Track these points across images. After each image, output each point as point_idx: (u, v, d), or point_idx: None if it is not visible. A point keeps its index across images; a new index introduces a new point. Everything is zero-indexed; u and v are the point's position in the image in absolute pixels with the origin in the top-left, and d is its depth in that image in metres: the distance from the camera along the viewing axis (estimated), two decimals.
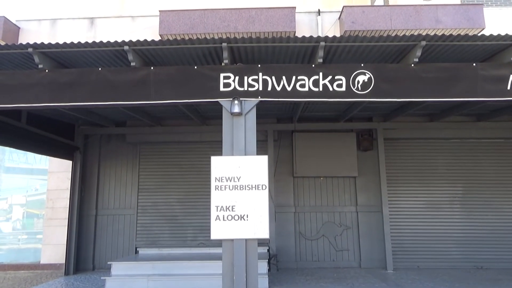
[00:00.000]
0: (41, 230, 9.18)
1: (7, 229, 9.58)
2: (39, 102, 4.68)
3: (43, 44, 4.59)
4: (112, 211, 8.27)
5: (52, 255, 8.51)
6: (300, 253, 7.90)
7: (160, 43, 4.58)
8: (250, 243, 4.16)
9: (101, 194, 8.33)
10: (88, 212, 8.23)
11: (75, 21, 9.89)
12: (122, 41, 4.53)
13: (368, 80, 4.58)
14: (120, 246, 8.10)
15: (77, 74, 4.72)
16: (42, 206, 9.42)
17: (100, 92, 4.65)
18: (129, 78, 4.67)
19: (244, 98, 4.54)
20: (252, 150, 4.39)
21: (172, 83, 4.64)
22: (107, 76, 4.69)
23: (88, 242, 8.12)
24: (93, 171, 8.42)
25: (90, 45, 4.60)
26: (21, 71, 4.85)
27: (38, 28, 9.89)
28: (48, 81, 4.69)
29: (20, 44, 4.57)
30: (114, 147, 8.50)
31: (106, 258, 7.99)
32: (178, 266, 6.24)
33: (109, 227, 8.20)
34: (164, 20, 9.02)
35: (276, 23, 8.69)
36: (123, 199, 8.31)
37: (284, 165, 8.15)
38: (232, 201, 4.18)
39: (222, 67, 4.67)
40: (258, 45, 4.61)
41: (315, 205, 8.07)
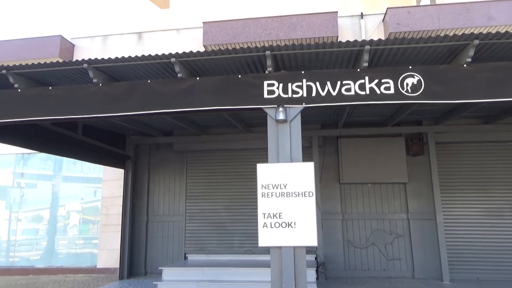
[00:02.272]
0: (97, 235, 9.65)
1: (66, 235, 10.17)
2: (94, 113, 4.92)
3: (97, 60, 4.85)
4: (162, 217, 8.55)
5: (107, 259, 8.92)
6: (349, 262, 7.70)
7: (205, 54, 4.68)
8: (298, 251, 4.11)
9: (151, 201, 8.65)
10: (139, 218, 8.55)
11: (124, 36, 10.40)
12: (169, 53, 4.69)
13: (417, 83, 4.41)
14: (170, 251, 8.33)
15: (127, 86, 4.93)
16: (97, 213, 9.92)
17: (148, 103, 4.83)
18: (176, 89, 4.81)
19: (289, 105, 4.53)
20: (298, 157, 4.36)
21: (217, 92, 4.72)
22: (155, 87, 4.86)
23: (140, 248, 8.42)
24: (144, 179, 8.75)
25: (139, 58, 4.79)
26: (77, 85, 5.15)
27: (91, 44, 10.50)
28: (101, 94, 4.94)
29: (76, 60, 4.86)
30: (162, 156, 8.79)
31: (157, 263, 8.24)
32: (226, 272, 6.29)
33: (159, 233, 8.47)
34: (207, 32, 9.25)
35: (318, 28, 8.63)
36: (172, 206, 8.56)
37: (330, 172, 8.02)
38: (279, 208, 4.16)
39: (266, 75, 4.69)
40: (301, 52, 4.59)
41: (363, 212, 7.85)
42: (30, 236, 10.38)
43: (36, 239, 10.34)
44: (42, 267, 9.51)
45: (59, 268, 9.35)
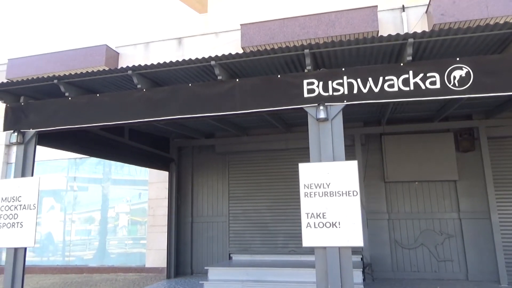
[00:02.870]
0: (144, 236, 10.00)
1: (116, 235, 10.61)
2: (138, 118, 5.10)
3: (140, 66, 5.02)
4: (206, 218, 8.71)
5: (155, 259, 9.21)
6: (397, 263, 7.45)
7: (244, 56, 4.71)
8: (343, 251, 4.03)
9: (195, 202, 8.83)
10: (184, 219, 8.76)
11: (165, 42, 10.71)
12: (208, 56, 4.76)
13: (466, 75, 4.19)
14: (215, 251, 8.48)
15: (169, 91, 5.07)
16: (144, 214, 10.27)
17: (190, 106, 4.93)
18: (216, 91, 4.88)
19: (329, 103, 4.45)
20: (341, 156, 4.28)
21: (257, 92, 4.73)
22: (196, 90, 4.95)
23: (186, 248, 8.63)
24: (187, 181, 8.95)
25: (180, 63, 4.91)
26: (122, 91, 5.35)
27: (134, 51, 10.90)
28: (145, 99, 5.10)
29: (121, 68, 5.06)
30: (205, 158, 8.96)
31: (203, 263, 8.40)
32: (270, 273, 6.29)
33: (204, 234, 8.63)
34: (245, 33, 9.32)
35: (357, 24, 8.44)
36: (216, 206, 8.70)
37: (374, 170, 7.81)
38: (322, 208, 4.10)
39: (305, 74, 4.64)
40: (341, 49, 4.49)
41: (410, 212, 7.57)
42: (83, 236, 10.94)
43: (88, 240, 10.88)
44: (95, 266, 9.99)
45: (111, 267, 9.78)
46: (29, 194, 5.02)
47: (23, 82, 5.26)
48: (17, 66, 11.09)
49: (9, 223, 4.99)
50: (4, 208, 5.06)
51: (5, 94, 5.52)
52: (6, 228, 4.99)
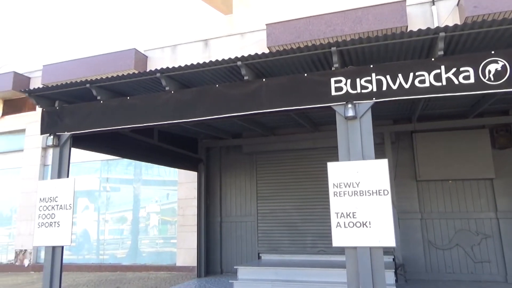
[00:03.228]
0: (174, 235, 10.17)
1: (147, 234, 10.85)
2: (167, 120, 5.19)
3: (168, 69, 5.10)
4: (235, 218, 8.77)
5: (186, 258, 9.36)
6: (431, 264, 7.24)
7: (270, 55, 4.70)
8: (375, 252, 3.95)
9: (224, 202, 8.91)
10: (214, 219, 8.85)
11: (191, 45, 10.85)
12: (235, 57, 4.79)
13: (502, 69, 4.02)
14: (244, 251, 8.52)
15: (197, 92, 5.13)
16: (173, 214, 10.45)
17: (217, 107, 4.97)
18: (243, 91, 4.90)
19: (358, 101, 4.38)
20: (370, 154, 4.20)
21: (283, 92, 4.72)
22: (223, 91, 4.99)
23: (216, 247, 8.71)
24: (216, 181, 9.04)
25: (207, 64, 4.96)
26: (151, 94, 5.47)
27: (162, 54, 11.10)
28: (174, 100, 5.19)
29: (150, 70, 5.16)
30: (232, 158, 9.02)
31: (232, 262, 8.45)
32: (300, 273, 6.26)
33: (233, 233, 8.69)
34: (271, 33, 9.30)
35: (385, 20, 8.25)
36: (244, 206, 8.74)
37: (405, 169, 7.62)
38: (352, 208, 4.04)
39: (333, 72, 4.58)
40: (369, 45, 4.41)
41: (444, 211, 7.34)
42: (116, 236, 11.25)
43: (121, 239, 11.18)
44: (128, 264, 10.25)
45: (143, 265, 10.02)
46: (65, 195, 5.21)
47: (58, 87, 5.46)
48: (51, 72, 11.53)
49: (47, 222, 5.19)
50: (42, 208, 5.27)
51: (41, 99, 5.74)
52: (45, 227, 5.19)
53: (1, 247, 12.74)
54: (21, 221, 11.74)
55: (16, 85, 12.19)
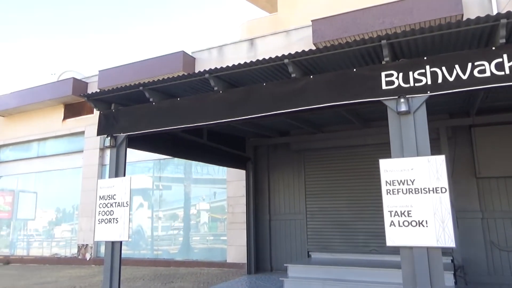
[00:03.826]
0: (224, 232, 10.36)
1: (198, 231, 11.15)
2: (216, 119, 5.27)
3: (216, 69, 5.19)
4: (283, 216, 8.76)
5: (236, 255, 9.50)
6: (494, 266, 6.79)
7: (317, 51, 4.64)
8: (432, 252, 3.77)
9: (272, 200, 8.93)
10: (262, 216, 8.90)
11: (237, 45, 10.97)
12: (282, 55, 4.78)
13: None
14: (293, 249, 8.49)
15: (245, 91, 5.18)
16: (222, 211, 10.65)
17: (265, 105, 4.98)
18: (290, 89, 4.87)
19: (411, 94, 4.20)
20: (426, 150, 4.01)
21: (332, 88, 4.63)
22: (271, 89, 4.99)
23: (265, 244, 8.76)
24: (264, 179, 9.08)
25: (254, 63, 4.98)
26: (200, 94, 5.59)
27: (209, 56, 11.32)
28: (222, 100, 5.27)
29: (199, 72, 5.28)
30: (280, 156, 9.01)
31: (282, 260, 8.43)
32: (352, 272, 6.14)
33: (282, 231, 8.69)
34: (317, 29, 9.18)
35: (438, 9, 7.86)
36: (292, 204, 8.71)
37: (463, 165, 7.21)
38: (407, 206, 3.88)
39: (383, 66, 4.43)
40: (422, 36, 4.21)
41: (509, 210, 6.85)
42: (169, 232, 11.67)
43: (173, 235, 11.58)
44: (181, 260, 10.60)
45: (195, 261, 10.31)
46: (122, 193, 5.47)
47: (113, 90, 5.75)
48: (106, 77, 12.17)
49: (106, 219, 5.49)
50: (102, 205, 5.58)
51: (98, 102, 6.07)
52: (104, 223, 5.49)
53: (65, 242, 13.67)
54: (82, 217, 12.52)
55: (75, 90, 13.00)
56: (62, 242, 13.78)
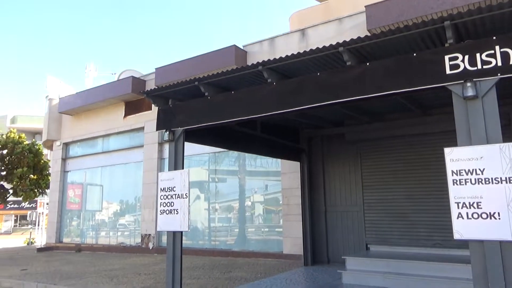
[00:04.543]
0: (279, 224, 10.42)
1: (253, 223, 11.31)
2: (270, 111, 5.27)
3: (269, 61, 5.19)
4: (339, 207, 8.61)
5: (292, 246, 9.53)
6: None
7: (374, 37, 4.47)
8: (506, 246, 3.50)
9: (328, 191, 8.81)
10: (318, 208, 8.82)
11: (288, 36, 10.87)
12: (336, 43, 4.66)
13: None
14: (350, 241, 8.33)
15: (298, 82, 5.12)
16: (277, 203, 10.70)
17: (320, 95, 4.89)
18: (346, 78, 4.74)
19: (479, 78, 3.91)
20: (497, 138, 3.72)
21: (390, 74, 4.44)
22: (325, 78, 4.89)
23: (321, 237, 8.68)
24: (319, 170, 8.98)
25: (307, 53, 4.91)
26: (254, 87, 5.61)
27: (260, 48, 11.33)
28: (276, 92, 5.25)
29: (252, 64, 5.30)
30: (335, 147, 8.85)
31: (339, 252, 8.32)
32: (414, 266, 5.90)
33: (338, 223, 8.56)
34: (371, 15, 8.84)
35: None
36: (349, 196, 8.53)
37: None
38: (476, 197, 3.64)
39: (446, 48, 4.16)
40: (490, 14, 3.90)
41: None
42: (225, 224, 11.95)
43: (229, 226, 11.85)
44: (237, 251, 10.82)
45: (251, 252, 10.47)
46: (182, 185, 5.67)
47: (170, 86, 5.95)
48: (162, 74, 12.64)
49: (167, 210, 5.72)
50: (163, 197, 5.82)
51: (156, 98, 6.32)
52: (165, 214, 5.74)
53: (129, 232, 14.50)
54: (144, 208, 13.19)
55: (134, 88, 13.65)
56: (126, 232, 14.64)
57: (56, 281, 7.98)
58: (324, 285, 6.40)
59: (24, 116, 46.12)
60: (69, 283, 7.68)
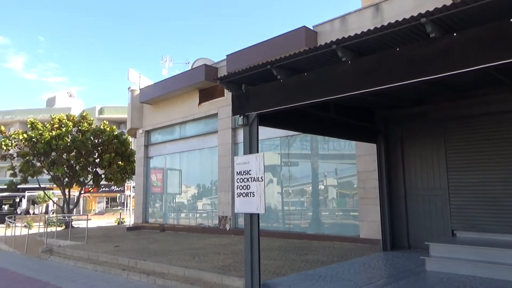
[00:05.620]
0: (354, 207, 10.19)
1: (326, 207, 11.18)
2: (346, 92, 5.08)
3: (344, 39, 4.98)
4: (421, 191, 8.12)
5: (369, 231, 9.26)
6: None
7: (462, 4, 4.05)
8: None
9: (407, 174, 8.35)
10: (397, 192, 8.41)
11: (360, 13, 10.37)
12: (418, 14, 4.32)
13: None
14: (434, 227, 7.84)
15: (376, 59, 4.86)
16: (350, 187, 10.45)
17: (400, 72, 4.61)
18: (430, 52, 4.39)
19: None
20: None
21: (482, 45, 4.02)
22: (406, 54, 4.59)
23: (401, 221, 8.28)
24: (397, 152, 8.54)
25: (385, 27, 4.62)
26: (327, 67, 5.45)
27: (331, 28, 10.97)
28: (351, 71, 5.05)
29: (325, 43, 5.14)
30: (415, 127, 8.32)
31: (421, 238, 7.83)
32: (509, 255, 5.39)
33: (420, 207, 8.08)
34: None
35: None
36: (431, 178, 8.00)
37: None
38: None
39: None
40: None
41: None
42: (298, 207, 11.98)
43: (302, 210, 11.85)
44: (312, 234, 10.81)
45: (326, 235, 10.39)
46: (257, 168, 5.76)
47: (243, 71, 6.02)
48: (233, 60, 12.85)
49: (244, 192, 5.86)
50: (239, 180, 5.97)
51: (230, 84, 6.44)
52: (242, 197, 5.88)
53: (206, 213, 15.22)
54: (220, 192, 13.71)
55: (207, 76, 14.09)
56: (204, 214, 15.38)
57: (145, 257, 8.67)
58: (405, 271, 6.14)
59: (110, 107, 50.30)
60: (156, 260, 8.29)
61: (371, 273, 6.21)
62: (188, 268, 7.26)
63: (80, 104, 55.11)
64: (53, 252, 11.61)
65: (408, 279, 5.61)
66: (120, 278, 7.73)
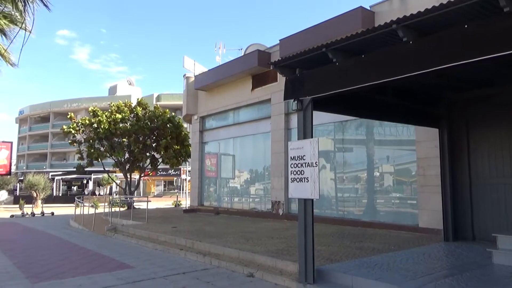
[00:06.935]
0: (411, 195, 9.77)
1: (382, 194, 10.82)
2: (407, 73, 4.81)
3: (406, 17, 4.71)
4: (488, 180, 7.57)
5: (429, 220, 8.86)
6: None
7: None
8: None
9: (473, 161, 7.81)
10: (461, 180, 7.90)
11: None
12: None
13: None
14: (503, 217, 7.29)
15: (440, 37, 4.56)
16: (408, 174, 10.03)
17: (467, 50, 4.28)
18: (503, 27, 4.03)
19: None
20: None
21: None
22: (475, 31, 4.25)
23: (465, 211, 7.79)
24: (462, 138, 8.00)
25: (452, 3, 4.31)
26: (386, 48, 5.19)
27: (389, 7, 10.45)
28: (413, 51, 4.78)
29: (385, 23, 4.90)
30: (482, 111, 7.73)
31: (487, 229, 7.32)
32: None
33: (487, 196, 7.54)
34: None
35: None
36: (501, 167, 7.42)
37: None
38: None
39: None
40: None
41: None
42: (352, 194, 11.73)
43: (357, 197, 11.59)
44: (367, 221, 10.56)
45: (382, 223, 10.10)
46: (311, 153, 5.68)
47: (297, 55, 5.92)
48: (287, 45, 12.69)
49: (298, 178, 5.83)
50: (293, 166, 5.93)
51: (284, 68, 6.37)
52: (296, 182, 5.85)
53: (259, 198, 15.41)
54: (274, 177, 13.78)
55: (260, 61, 14.08)
56: (257, 199, 15.59)
57: (201, 239, 8.98)
58: (470, 263, 5.80)
59: (166, 94, 52.22)
60: (211, 241, 8.56)
61: (432, 263, 5.94)
62: (242, 250, 7.42)
63: (139, 91, 57.89)
64: (117, 231, 12.41)
65: (472, 272, 5.30)
66: (178, 257, 8.08)
